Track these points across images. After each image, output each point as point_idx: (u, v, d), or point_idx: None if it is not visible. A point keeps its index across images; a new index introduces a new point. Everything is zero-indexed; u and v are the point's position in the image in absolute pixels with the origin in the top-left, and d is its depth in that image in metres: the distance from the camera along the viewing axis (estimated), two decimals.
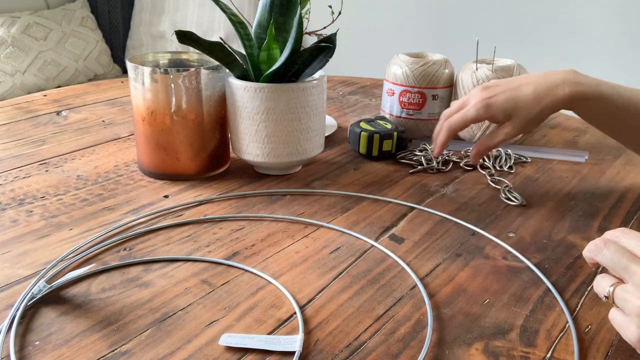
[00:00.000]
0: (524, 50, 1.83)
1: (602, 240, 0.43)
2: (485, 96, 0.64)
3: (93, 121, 0.91)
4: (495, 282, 0.51)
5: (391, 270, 0.52)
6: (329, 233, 0.59)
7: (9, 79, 1.89)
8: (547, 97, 0.62)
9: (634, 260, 0.40)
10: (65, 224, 0.59)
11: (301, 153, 0.69)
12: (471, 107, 0.65)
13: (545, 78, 0.64)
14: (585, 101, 0.62)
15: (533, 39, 1.93)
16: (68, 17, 2.07)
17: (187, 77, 0.65)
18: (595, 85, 0.62)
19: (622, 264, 0.40)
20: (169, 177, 0.69)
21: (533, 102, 0.62)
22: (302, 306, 0.47)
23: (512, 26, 1.95)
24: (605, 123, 0.66)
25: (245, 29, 0.67)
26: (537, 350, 0.42)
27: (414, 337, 0.43)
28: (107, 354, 0.41)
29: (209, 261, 0.53)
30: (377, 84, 1.19)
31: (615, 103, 0.62)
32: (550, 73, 0.64)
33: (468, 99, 0.66)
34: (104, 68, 2.18)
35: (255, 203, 0.64)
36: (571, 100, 0.62)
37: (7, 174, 0.70)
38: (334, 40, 0.66)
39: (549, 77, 0.64)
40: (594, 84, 0.62)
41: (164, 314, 0.45)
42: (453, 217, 0.62)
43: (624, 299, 0.39)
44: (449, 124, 0.66)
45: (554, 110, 0.63)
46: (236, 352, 0.41)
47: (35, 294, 0.46)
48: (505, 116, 0.64)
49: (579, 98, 0.62)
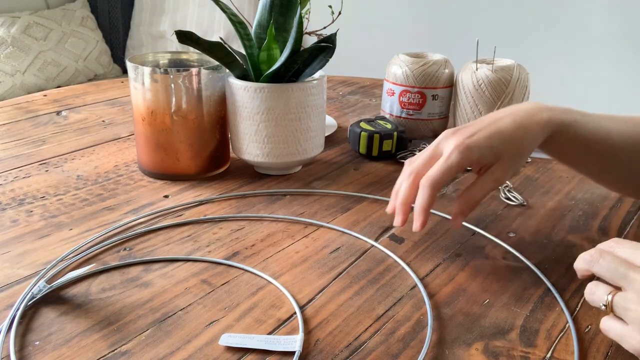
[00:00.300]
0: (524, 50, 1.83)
1: (596, 251, 0.42)
2: (461, 138, 0.51)
3: (93, 121, 0.91)
4: (495, 282, 0.51)
5: (391, 270, 0.52)
6: (329, 233, 0.59)
7: (9, 79, 1.89)
8: (531, 124, 0.53)
9: (631, 268, 0.39)
10: (65, 224, 0.59)
11: (301, 153, 0.69)
12: (452, 152, 0.51)
13: (517, 108, 0.55)
14: (563, 126, 0.54)
15: (533, 39, 1.93)
16: (68, 17, 2.07)
17: (187, 77, 0.65)
18: (567, 110, 0.56)
19: (620, 272, 0.40)
20: (169, 177, 0.69)
21: (519, 131, 0.52)
22: (302, 306, 0.47)
23: (512, 26, 1.95)
24: (577, 154, 0.58)
25: (245, 29, 0.67)
26: (537, 350, 0.42)
27: (414, 337, 0.43)
28: (107, 354, 0.41)
29: (209, 261, 0.53)
30: (377, 84, 1.19)
31: (588, 129, 0.56)
32: (518, 105, 0.57)
33: (438, 147, 0.53)
34: (104, 68, 2.18)
35: (255, 203, 0.64)
36: (550, 126, 0.54)
37: (7, 174, 0.70)
38: (334, 40, 0.66)
39: (520, 107, 0.55)
40: (566, 109, 0.56)
41: (164, 314, 0.45)
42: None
43: (625, 307, 0.39)
44: (431, 180, 0.50)
45: (537, 140, 0.54)
46: (236, 352, 0.41)
47: (35, 294, 0.46)
48: (494, 155, 0.51)
49: (557, 123, 0.54)
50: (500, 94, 0.78)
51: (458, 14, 2.06)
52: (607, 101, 1.81)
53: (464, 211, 0.53)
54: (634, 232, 0.60)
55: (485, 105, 0.78)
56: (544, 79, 1.61)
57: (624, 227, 0.61)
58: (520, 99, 0.79)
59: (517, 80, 0.78)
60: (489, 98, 0.78)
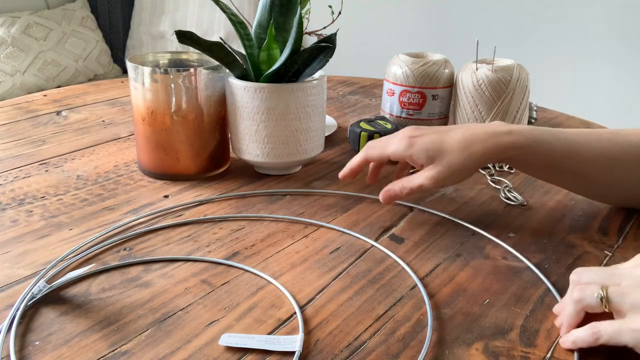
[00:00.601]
0: (524, 50, 1.84)
1: (572, 283, 0.43)
2: (411, 134, 0.58)
3: (93, 121, 0.91)
4: (495, 282, 0.51)
5: (391, 270, 0.52)
6: (329, 233, 0.59)
7: (9, 79, 1.89)
8: (475, 144, 0.56)
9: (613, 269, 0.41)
10: (65, 224, 0.59)
11: (301, 153, 0.69)
12: (394, 140, 0.59)
13: (476, 125, 0.59)
14: (518, 149, 0.57)
15: (533, 39, 1.93)
16: (68, 17, 2.07)
17: (187, 77, 0.65)
18: (530, 132, 0.57)
19: (606, 274, 0.41)
20: (169, 177, 0.69)
21: (460, 146, 0.56)
22: (302, 306, 0.47)
23: (512, 26, 1.95)
24: (545, 171, 0.61)
25: (245, 29, 0.67)
26: (537, 350, 0.42)
27: (414, 337, 0.43)
28: (107, 354, 0.41)
29: (209, 261, 0.53)
30: (377, 84, 1.19)
31: (552, 147, 0.57)
32: (481, 124, 0.59)
33: (396, 134, 0.60)
34: (104, 68, 2.18)
35: (255, 203, 0.64)
36: (500, 150, 0.56)
37: (7, 174, 0.70)
38: (334, 40, 0.66)
39: (479, 125, 0.59)
40: (531, 130, 0.58)
41: (164, 314, 0.45)
42: (453, 217, 0.62)
43: (622, 293, 0.39)
44: (366, 151, 0.61)
45: (485, 158, 0.57)
46: (236, 352, 0.41)
47: (35, 294, 0.46)
48: (428, 158, 0.56)
49: (511, 146, 0.56)
50: (500, 94, 0.78)
51: (458, 14, 2.06)
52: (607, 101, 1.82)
53: (394, 192, 0.59)
54: (634, 232, 0.60)
55: (485, 105, 0.78)
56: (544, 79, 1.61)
57: (623, 227, 0.61)
58: (520, 99, 0.79)
59: (517, 80, 0.78)
60: (489, 98, 0.78)
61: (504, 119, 0.79)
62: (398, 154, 0.58)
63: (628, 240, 0.58)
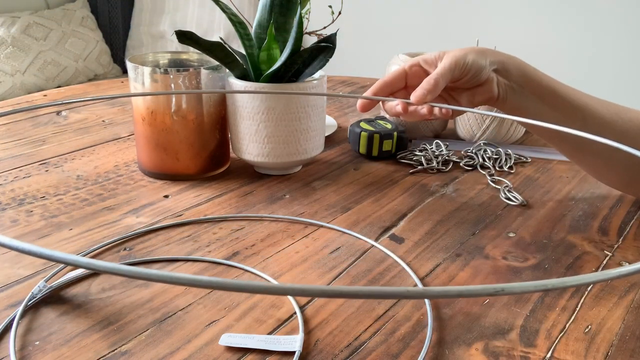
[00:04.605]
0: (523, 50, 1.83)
1: None
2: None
3: (93, 121, 0.91)
4: (495, 282, 0.51)
5: (391, 270, 0.52)
6: (329, 233, 0.59)
7: (9, 79, 1.89)
8: (482, 49, 0.60)
9: None
10: (65, 224, 0.59)
11: (301, 153, 0.69)
12: None
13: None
14: (523, 66, 0.60)
15: (533, 39, 1.93)
16: (68, 17, 2.07)
17: (187, 77, 0.65)
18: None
19: None
20: (169, 177, 0.69)
21: (462, 50, 0.61)
22: (302, 306, 0.47)
23: (512, 26, 1.96)
24: (537, 104, 0.61)
25: (245, 29, 0.67)
26: (537, 350, 0.42)
27: (414, 337, 0.43)
28: (107, 354, 0.41)
29: (209, 261, 0.53)
30: None
31: (556, 87, 0.60)
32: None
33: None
34: (104, 68, 2.18)
35: (255, 203, 0.64)
36: (509, 58, 0.60)
37: (7, 174, 0.70)
38: (334, 40, 0.66)
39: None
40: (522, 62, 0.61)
41: (164, 314, 0.45)
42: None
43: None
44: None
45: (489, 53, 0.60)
46: (236, 352, 0.41)
47: (35, 294, 0.46)
48: (436, 56, 0.61)
49: (519, 67, 0.60)
50: None
51: (458, 14, 2.06)
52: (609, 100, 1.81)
53: (425, 87, 0.58)
54: (634, 232, 0.60)
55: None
56: None
57: (623, 227, 0.61)
58: None
59: None
60: None
61: (502, 118, 0.79)
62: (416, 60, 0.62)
63: (628, 240, 0.58)
